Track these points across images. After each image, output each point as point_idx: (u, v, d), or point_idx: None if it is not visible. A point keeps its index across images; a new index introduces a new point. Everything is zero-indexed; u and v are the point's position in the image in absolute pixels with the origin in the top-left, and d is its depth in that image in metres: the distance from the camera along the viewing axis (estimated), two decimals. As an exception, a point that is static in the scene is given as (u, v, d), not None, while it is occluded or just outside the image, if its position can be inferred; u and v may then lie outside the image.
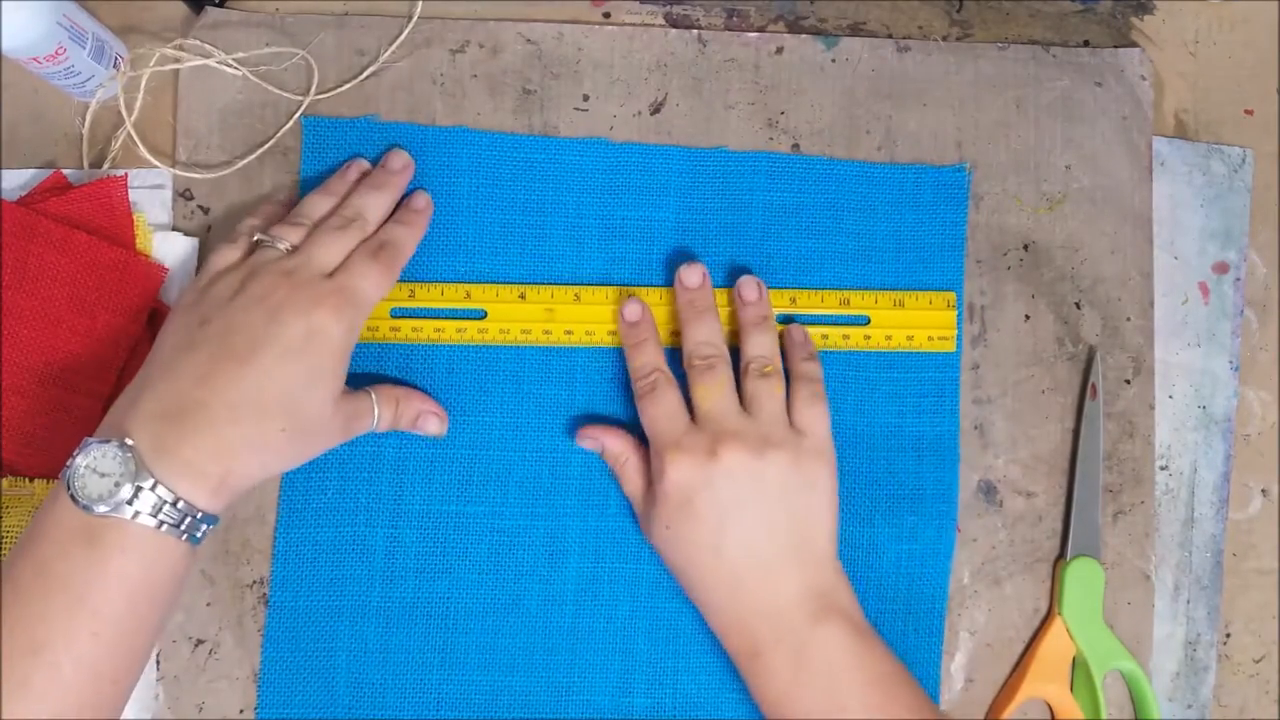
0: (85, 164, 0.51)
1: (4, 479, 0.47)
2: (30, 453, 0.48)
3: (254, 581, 0.49)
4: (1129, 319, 0.52)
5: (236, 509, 0.49)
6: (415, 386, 0.50)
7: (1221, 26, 0.55)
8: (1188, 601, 0.52)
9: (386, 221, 0.49)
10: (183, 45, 0.51)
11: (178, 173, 0.51)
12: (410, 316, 0.50)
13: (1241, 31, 0.55)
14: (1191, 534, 0.52)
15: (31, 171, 0.50)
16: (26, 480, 0.48)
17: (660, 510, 0.46)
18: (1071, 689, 0.50)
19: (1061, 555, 0.51)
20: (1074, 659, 0.50)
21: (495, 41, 0.52)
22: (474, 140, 0.51)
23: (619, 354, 0.50)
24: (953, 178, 0.52)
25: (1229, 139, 0.54)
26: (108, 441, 0.40)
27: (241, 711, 0.49)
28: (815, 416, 0.47)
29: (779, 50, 0.53)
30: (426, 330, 0.50)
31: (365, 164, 0.50)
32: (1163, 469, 0.52)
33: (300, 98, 0.51)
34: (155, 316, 0.50)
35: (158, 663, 0.49)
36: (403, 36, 0.51)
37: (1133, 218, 0.53)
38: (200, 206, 0.51)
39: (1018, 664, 0.51)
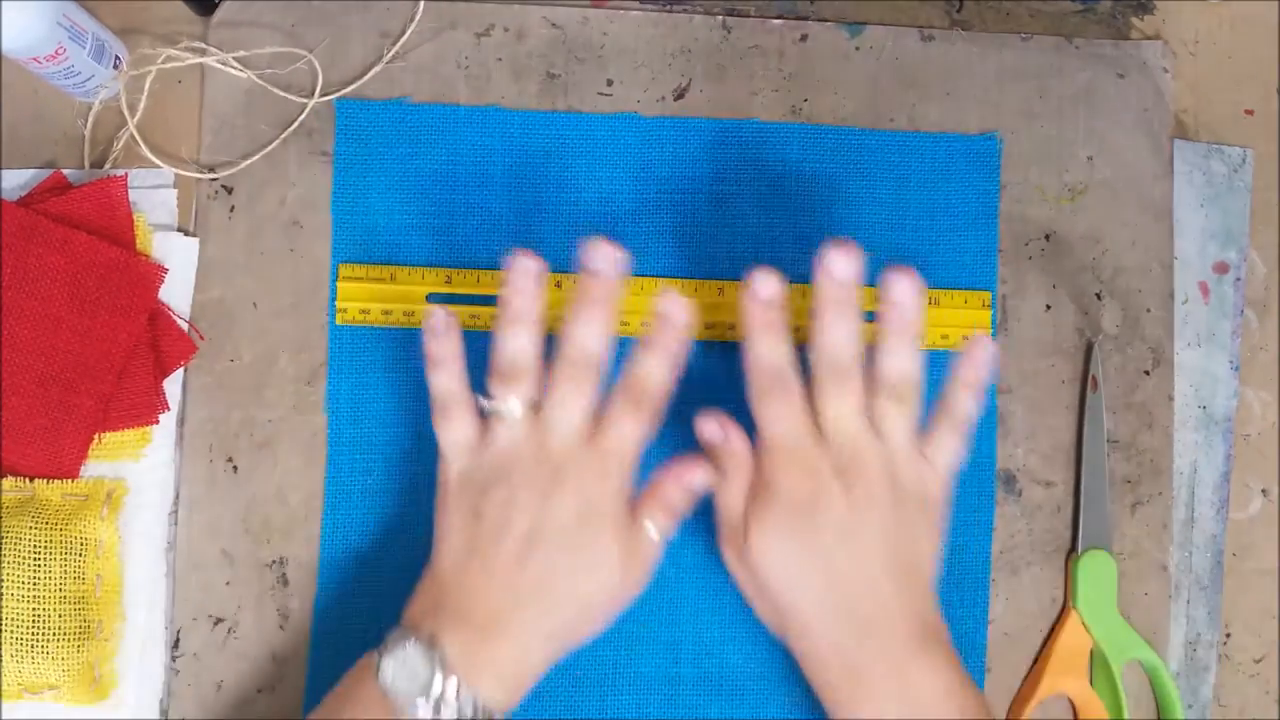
0: (86, 164, 0.51)
1: (4, 479, 0.47)
2: (30, 453, 0.48)
3: (273, 561, 0.50)
4: (1149, 310, 0.52)
5: (256, 489, 0.50)
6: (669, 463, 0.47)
7: (1221, 26, 0.55)
8: (1188, 601, 0.52)
9: (645, 348, 0.44)
10: (190, 46, 0.51)
11: (200, 160, 0.51)
12: (446, 303, 0.50)
13: (1241, 31, 0.55)
14: (1191, 534, 0.52)
15: (31, 171, 0.50)
16: (26, 480, 0.47)
17: (771, 520, 0.43)
18: (1091, 682, 0.51)
19: (1073, 549, 0.51)
20: (1091, 651, 0.51)
21: (520, 25, 0.52)
22: (506, 119, 0.52)
23: None
24: (984, 146, 0.53)
25: (1229, 139, 0.54)
26: (419, 642, 0.41)
27: (259, 691, 0.49)
28: (950, 452, 0.44)
29: (803, 38, 0.53)
30: (462, 317, 0.50)
31: (534, 265, 0.44)
32: (1163, 468, 0.53)
33: (320, 81, 0.51)
34: (155, 316, 0.49)
35: (177, 642, 0.49)
36: (417, 18, 0.51)
37: (1153, 209, 0.53)
38: (224, 186, 0.51)
39: (1037, 657, 0.51)
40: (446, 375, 0.44)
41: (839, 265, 0.43)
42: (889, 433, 0.43)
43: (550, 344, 0.45)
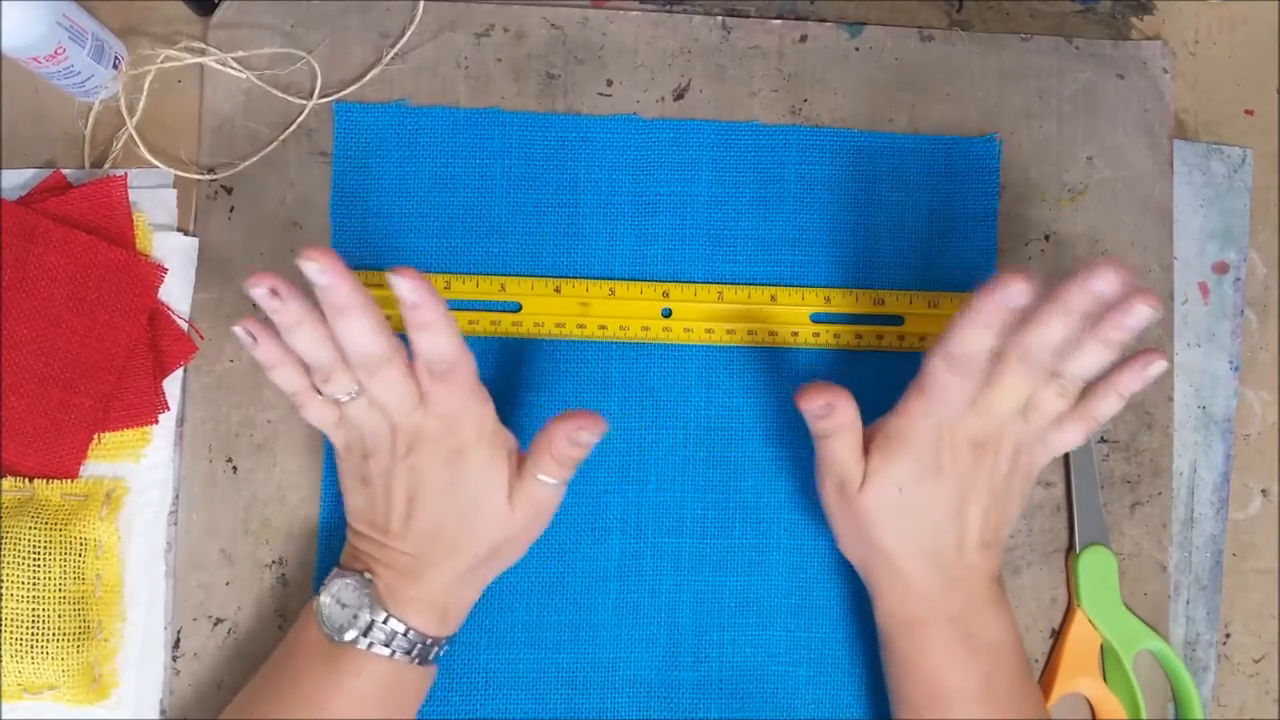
0: (86, 164, 0.51)
1: (4, 479, 0.47)
2: (30, 453, 0.48)
3: (272, 561, 0.50)
4: (1149, 310, 0.52)
5: (256, 489, 0.50)
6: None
7: (1221, 26, 0.55)
8: (1187, 601, 0.52)
9: (409, 331, 0.43)
10: (190, 46, 0.51)
11: (199, 161, 0.51)
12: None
13: (1241, 31, 0.55)
14: (1191, 534, 0.52)
15: (31, 171, 0.50)
16: (26, 480, 0.48)
17: (898, 467, 0.45)
18: (1104, 678, 0.51)
19: (1071, 548, 0.51)
20: (1101, 647, 0.51)
21: (520, 26, 0.52)
22: (505, 121, 0.52)
23: (653, 348, 0.51)
24: (983, 148, 0.53)
25: (1229, 139, 0.54)
26: (349, 575, 0.45)
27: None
28: (1071, 444, 0.46)
29: (803, 38, 0.53)
30: (461, 322, 0.50)
31: (267, 279, 0.41)
32: (1163, 469, 0.53)
33: (319, 82, 0.51)
34: (155, 316, 0.49)
35: (177, 642, 0.49)
36: (417, 19, 0.52)
37: (1153, 210, 0.53)
38: (224, 187, 0.51)
39: (1048, 659, 0.51)
40: (285, 375, 0.44)
41: (1104, 282, 0.42)
42: (1034, 420, 0.45)
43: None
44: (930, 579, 0.45)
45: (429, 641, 0.44)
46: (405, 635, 0.44)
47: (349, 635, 0.43)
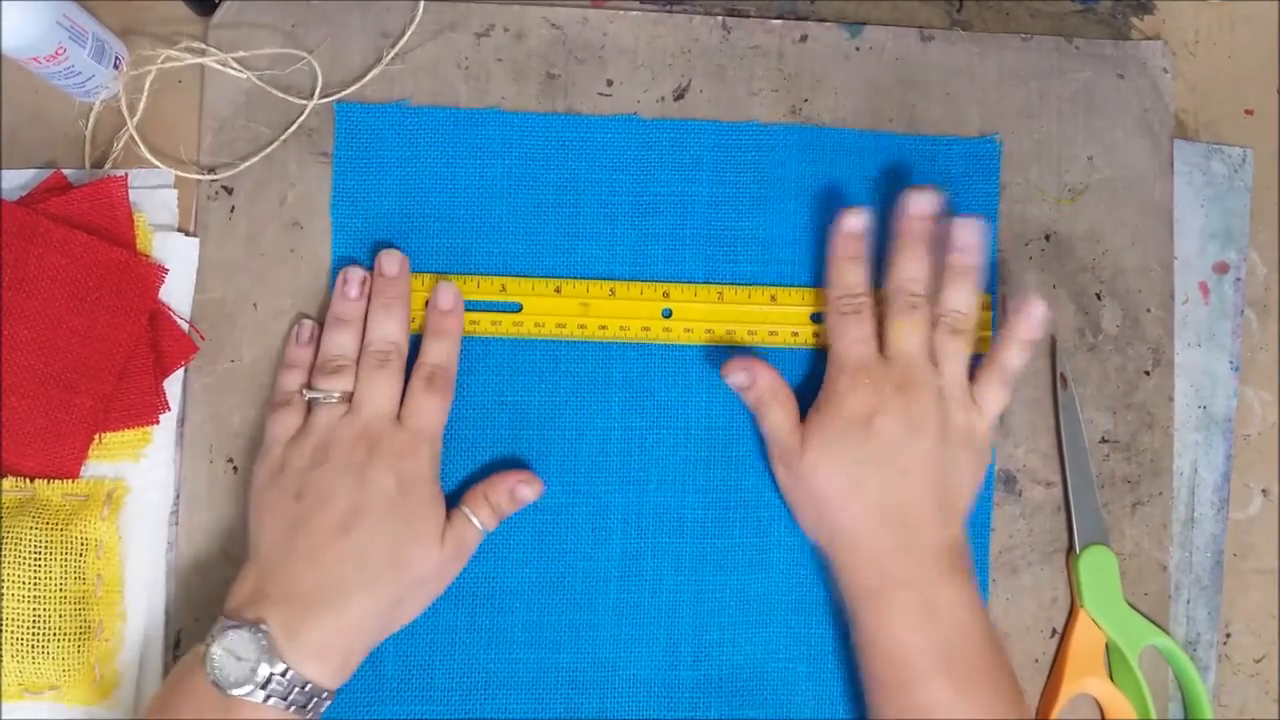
0: (87, 164, 0.51)
1: (4, 479, 0.47)
2: (31, 453, 0.48)
3: None
4: (1149, 310, 0.52)
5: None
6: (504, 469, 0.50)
7: (1221, 26, 0.55)
8: (1188, 601, 0.52)
9: (428, 336, 0.49)
10: (190, 46, 0.51)
11: (200, 161, 0.51)
12: None
13: (1241, 31, 0.55)
14: (1191, 534, 0.52)
15: (32, 171, 0.50)
16: (27, 480, 0.48)
17: (832, 430, 0.47)
18: (1111, 677, 0.51)
19: (1071, 548, 0.51)
20: (1106, 646, 0.51)
21: (520, 25, 0.52)
22: (506, 122, 0.52)
23: (653, 348, 0.51)
24: (984, 149, 0.53)
25: (1229, 139, 0.55)
26: (243, 627, 0.42)
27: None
28: (996, 401, 0.48)
29: (803, 38, 0.53)
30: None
31: (360, 272, 0.49)
32: (1163, 469, 0.53)
33: (319, 82, 0.51)
34: (155, 316, 0.50)
35: (178, 642, 0.49)
36: (417, 19, 0.51)
37: (1153, 210, 0.53)
38: (224, 187, 0.51)
39: (1054, 663, 0.51)
40: (295, 377, 0.49)
41: (918, 202, 0.49)
42: (944, 366, 0.47)
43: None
44: (882, 536, 0.46)
45: (323, 695, 0.43)
46: (303, 689, 0.42)
47: (243, 690, 0.41)
